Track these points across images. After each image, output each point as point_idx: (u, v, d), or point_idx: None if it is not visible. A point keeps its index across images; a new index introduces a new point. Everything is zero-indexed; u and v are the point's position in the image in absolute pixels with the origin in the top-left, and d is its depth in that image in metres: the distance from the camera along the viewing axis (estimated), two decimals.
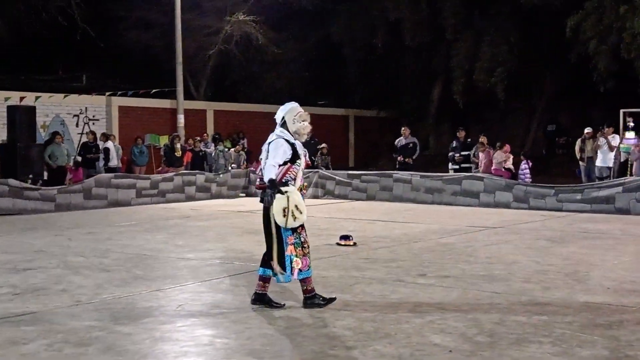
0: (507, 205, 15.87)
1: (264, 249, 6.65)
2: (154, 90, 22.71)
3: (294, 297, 6.93)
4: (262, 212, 6.58)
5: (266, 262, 6.54)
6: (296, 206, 6.28)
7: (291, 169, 6.44)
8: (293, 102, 6.74)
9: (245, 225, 13.04)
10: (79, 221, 13.88)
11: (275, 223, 6.37)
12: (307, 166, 7.12)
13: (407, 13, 28.75)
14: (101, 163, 19.47)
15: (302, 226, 6.44)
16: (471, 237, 11.30)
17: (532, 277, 7.90)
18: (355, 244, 10.32)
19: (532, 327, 5.80)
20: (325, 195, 18.57)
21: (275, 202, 6.28)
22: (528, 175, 18.21)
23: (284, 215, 6.27)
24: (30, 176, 16.78)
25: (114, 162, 19.77)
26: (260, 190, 6.60)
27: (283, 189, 6.29)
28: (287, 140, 6.47)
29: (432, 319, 6.07)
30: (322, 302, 6.52)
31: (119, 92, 22.90)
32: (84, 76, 30.24)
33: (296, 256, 6.39)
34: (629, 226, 12.64)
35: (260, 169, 6.58)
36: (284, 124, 6.60)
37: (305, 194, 6.64)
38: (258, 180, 6.72)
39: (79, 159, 19.57)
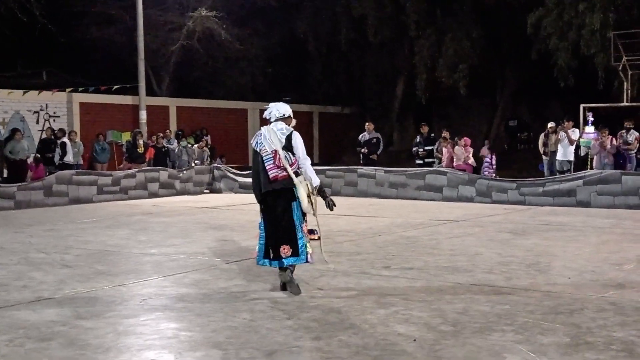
0: (470, 200, 16.03)
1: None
2: (115, 87, 22.48)
3: (259, 287, 6.93)
4: (269, 203, 6.84)
5: (276, 254, 6.80)
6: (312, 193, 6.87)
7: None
8: (278, 103, 7.21)
9: (209, 220, 12.98)
10: (39, 218, 13.69)
11: (289, 210, 6.83)
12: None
13: (371, 9, 28.85)
14: (56, 158, 19.14)
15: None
16: (434, 230, 11.38)
17: (495, 268, 7.99)
18: (319, 238, 10.28)
19: (495, 316, 5.86)
20: None
21: (301, 190, 6.75)
22: (493, 168, 18.36)
23: (309, 202, 6.81)
24: None
25: (69, 157, 19.40)
26: (274, 182, 6.77)
27: (299, 178, 6.77)
28: None
29: (397, 309, 6.10)
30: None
31: (80, 89, 22.59)
32: (44, 72, 29.81)
33: (308, 244, 6.98)
34: (590, 218, 12.83)
35: (273, 158, 6.74)
36: (288, 118, 7.05)
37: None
38: (275, 170, 6.73)
39: (38, 155, 19.26)
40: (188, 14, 27.76)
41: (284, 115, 7.01)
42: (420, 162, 18.95)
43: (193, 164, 20.74)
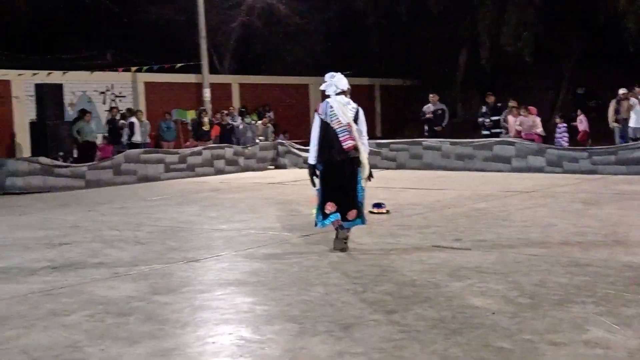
0: (540, 170, 15.69)
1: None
2: (178, 65, 22.67)
3: (330, 261, 6.92)
4: (339, 169, 7.48)
5: (343, 217, 7.47)
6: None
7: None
8: (334, 73, 7.73)
9: (276, 196, 13.03)
10: (109, 197, 13.95)
11: (355, 177, 7.48)
12: None
13: None
14: (124, 137, 19.48)
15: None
16: (505, 202, 11.18)
17: (570, 239, 7.80)
18: (388, 211, 10.26)
19: (574, 288, 5.71)
20: None
21: (365, 160, 7.48)
22: (566, 138, 17.87)
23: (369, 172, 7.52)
24: (61, 154, 16.87)
25: (137, 137, 19.75)
26: (348, 151, 7.45)
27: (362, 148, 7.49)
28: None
29: (472, 282, 6.01)
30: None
31: (145, 68, 22.87)
32: (109, 53, 30.27)
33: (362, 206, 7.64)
34: None
35: (347, 129, 7.41)
36: (346, 91, 7.61)
37: None
38: (350, 141, 7.42)
39: (107, 135, 19.62)
40: None
41: (343, 89, 7.55)
42: (487, 132, 18.62)
43: (257, 141, 20.82)
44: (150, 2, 27.92)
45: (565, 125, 18.41)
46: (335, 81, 7.57)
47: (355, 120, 7.45)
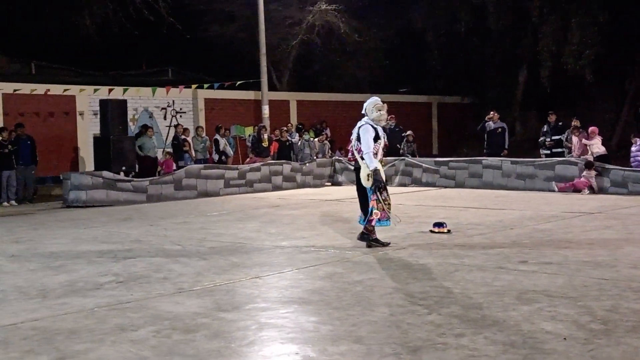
0: (604, 191, 15.36)
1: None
2: (239, 82, 22.91)
3: (393, 280, 6.85)
4: (355, 186, 9.32)
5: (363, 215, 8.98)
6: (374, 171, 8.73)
7: (373, 147, 8.75)
8: (374, 96, 9.12)
9: (335, 213, 13.02)
10: (171, 211, 14.13)
11: (361, 184, 8.92)
12: (386, 147, 9.22)
13: None
14: (214, 156, 19.99)
15: (385, 189, 8.81)
16: (569, 223, 10.96)
17: None
18: (449, 231, 10.15)
19: None
20: (412, 184, 18.38)
21: (362, 171, 8.83)
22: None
23: (368, 180, 8.73)
24: (124, 168, 17.17)
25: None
26: (354, 162, 9.19)
27: (363, 162, 8.78)
28: (371, 125, 8.88)
29: (541, 306, 5.88)
30: (374, 243, 8.93)
31: (206, 85, 23.18)
32: (170, 70, 30.77)
33: (377, 209, 8.72)
34: None
35: (351, 146, 9.08)
36: (367, 113, 8.95)
37: (384, 165, 9.11)
38: (350, 154, 9.23)
39: (170, 150, 19.91)
40: (307, 8, 27.95)
41: (364, 112, 9.02)
42: (547, 152, 18.33)
43: (315, 157, 20.88)
44: (213, 20, 28.32)
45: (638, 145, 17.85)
46: (365, 104, 9.09)
47: (358, 136, 8.87)
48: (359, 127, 8.88)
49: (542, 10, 27.32)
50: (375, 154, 8.73)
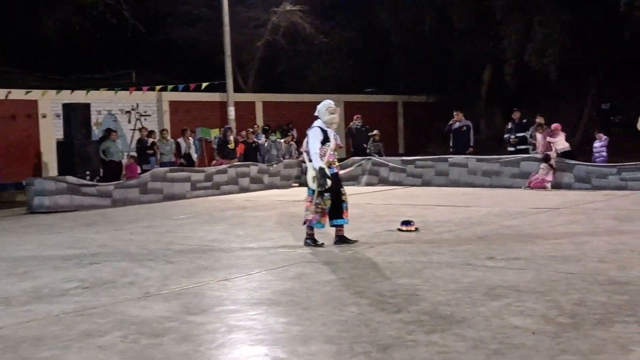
0: (568, 186, 15.54)
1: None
2: (205, 84, 22.76)
3: (362, 279, 6.84)
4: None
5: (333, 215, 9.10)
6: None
7: (321, 149, 8.89)
8: (327, 100, 9.26)
9: (302, 214, 12.93)
10: (137, 215, 13.98)
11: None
12: (338, 147, 9.41)
13: None
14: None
15: (321, 194, 8.88)
16: (535, 219, 11.05)
17: (606, 257, 7.67)
18: (417, 229, 10.17)
19: (614, 307, 5.60)
20: (379, 183, 18.41)
21: (308, 172, 9.03)
22: (604, 153, 17.55)
23: (314, 182, 8.89)
24: (88, 173, 16.94)
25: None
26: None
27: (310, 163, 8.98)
28: (320, 128, 9.00)
29: (509, 301, 5.91)
30: (311, 244, 9.11)
31: (170, 88, 22.99)
32: (133, 73, 30.49)
33: (308, 210, 9.04)
34: None
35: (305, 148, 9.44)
36: (320, 116, 9.12)
37: (336, 169, 9.11)
38: (304, 154, 9.51)
39: (134, 154, 19.70)
40: (272, 9, 27.89)
41: (317, 114, 9.19)
42: (512, 149, 18.49)
43: (282, 158, 20.81)
44: (177, 22, 28.12)
45: (602, 141, 18.06)
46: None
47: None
48: (309, 130, 9.11)
49: (505, 9, 27.54)
50: (322, 156, 8.86)
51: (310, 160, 8.98)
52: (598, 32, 27.29)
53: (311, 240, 9.16)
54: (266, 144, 21.38)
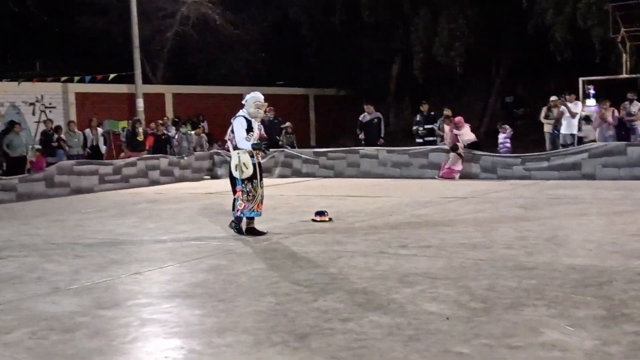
0: (475, 176, 15.95)
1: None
2: (112, 75, 22.23)
3: (278, 270, 6.83)
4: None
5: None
6: (244, 163, 8.87)
7: (245, 138, 8.98)
8: (258, 93, 9.23)
9: (215, 206, 12.86)
10: (43, 209, 13.54)
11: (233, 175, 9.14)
12: (262, 138, 9.24)
13: None
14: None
15: (250, 180, 8.96)
16: (445, 208, 11.29)
17: (514, 243, 7.90)
18: (331, 219, 10.23)
19: (523, 291, 5.77)
20: (292, 175, 18.42)
21: (232, 161, 9.05)
22: (508, 144, 18.02)
23: (236, 170, 8.97)
24: None
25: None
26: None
27: (236, 151, 8.98)
28: (245, 118, 9.08)
29: (422, 288, 6.01)
30: (258, 234, 9.03)
31: (77, 79, 22.36)
32: (38, 63, 29.51)
33: (241, 200, 8.99)
34: (597, 191, 12.77)
35: (229, 136, 9.26)
36: (246, 106, 9.11)
37: (259, 158, 9.15)
38: (229, 142, 9.30)
39: (39, 147, 19.07)
40: (181, 0, 27.49)
41: (244, 102, 9.20)
42: (421, 140, 18.83)
43: (193, 151, 20.56)
44: (82, 12, 27.32)
45: (505, 131, 18.62)
46: None
47: (233, 129, 9.12)
48: (234, 119, 9.14)
49: (413, 4, 27.99)
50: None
51: (235, 149, 8.98)
52: (502, 26, 28.11)
53: (255, 231, 9.10)
54: (176, 136, 21.07)
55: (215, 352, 4.58)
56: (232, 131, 9.11)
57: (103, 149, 20.19)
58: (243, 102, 9.21)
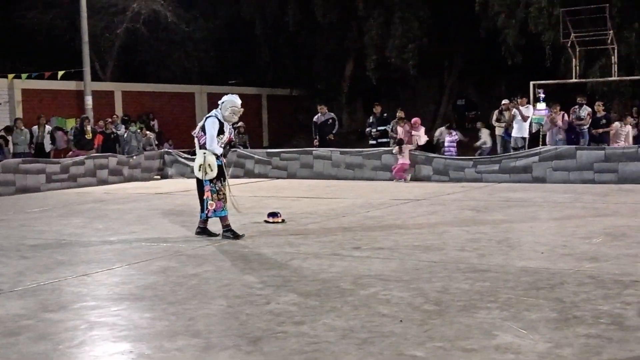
0: (427, 179, 16.02)
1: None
2: (61, 73, 21.77)
3: (229, 272, 6.72)
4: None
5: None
6: (209, 165, 8.68)
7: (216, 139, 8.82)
8: (236, 96, 9.04)
9: (165, 206, 12.66)
10: None
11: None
12: (230, 141, 9.31)
13: None
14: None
15: (218, 179, 8.74)
16: (397, 210, 11.30)
17: (466, 246, 7.92)
18: (283, 220, 10.14)
19: (476, 293, 5.76)
20: (244, 175, 18.27)
21: (196, 161, 8.86)
22: (453, 149, 18.16)
23: (199, 170, 8.76)
24: None
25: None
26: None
27: (202, 151, 8.80)
28: (217, 119, 8.88)
29: (376, 290, 5.96)
30: (232, 236, 8.72)
31: (24, 76, 21.83)
32: None
33: (211, 200, 8.72)
34: (547, 194, 12.92)
35: (197, 134, 8.98)
36: (221, 108, 8.91)
37: (224, 160, 8.98)
38: (195, 139, 8.99)
39: None
40: None
41: (219, 103, 9.04)
42: (374, 142, 18.85)
43: (143, 150, 20.24)
44: (31, 6, 26.71)
45: (452, 134, 18.75)
46: None
47: (203, 128, 8.90)
48: (206, 118, 8.94)
49: (367, 5, 28.05)
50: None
51: (201, 148, 8.80)
52: (455, 29, 28.37)
53: (230, 233, 8.81)
54: (126, 135, 20.72)
55: (165, 357, 4.46)
56: (203, 130, 8.86)
57: (48, 147, 19.73)
58: (219, 102, 9.02)
